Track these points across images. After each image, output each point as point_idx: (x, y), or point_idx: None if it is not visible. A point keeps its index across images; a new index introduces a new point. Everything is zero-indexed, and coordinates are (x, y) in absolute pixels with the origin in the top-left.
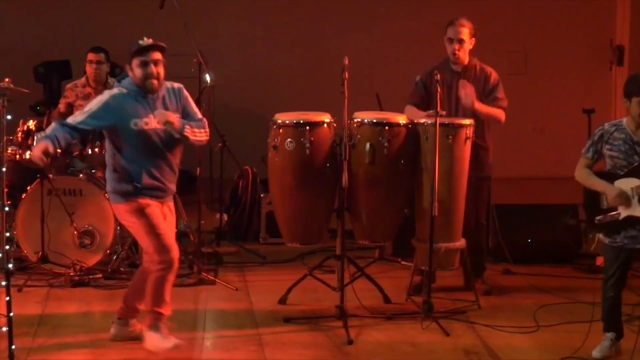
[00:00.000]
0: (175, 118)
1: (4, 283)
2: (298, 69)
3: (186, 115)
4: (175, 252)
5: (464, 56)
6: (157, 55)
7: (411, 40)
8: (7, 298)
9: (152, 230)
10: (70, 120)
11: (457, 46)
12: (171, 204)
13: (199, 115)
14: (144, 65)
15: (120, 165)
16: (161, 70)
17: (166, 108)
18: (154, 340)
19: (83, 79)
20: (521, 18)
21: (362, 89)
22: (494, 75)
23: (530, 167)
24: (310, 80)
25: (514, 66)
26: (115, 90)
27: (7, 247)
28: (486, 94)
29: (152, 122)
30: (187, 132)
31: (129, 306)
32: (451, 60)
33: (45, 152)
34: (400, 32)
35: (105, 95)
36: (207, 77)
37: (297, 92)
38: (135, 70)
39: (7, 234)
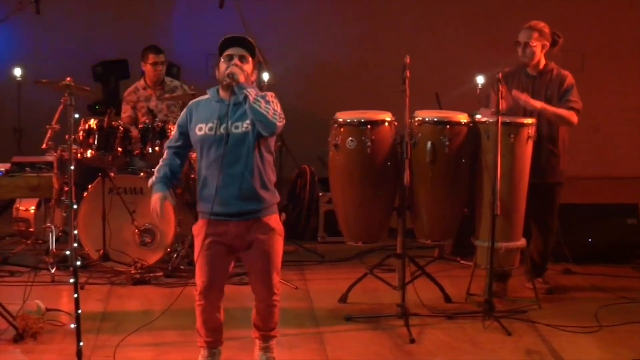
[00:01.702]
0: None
1: (72, 280)
2: (355, 67)
3: None
4: None
5: (533, 60)
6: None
7: (471, 39)
8: (75, 295)
9: None
10: None
11: (523, 50)
12: None
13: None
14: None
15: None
16: (248, 68)
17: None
18: None
19: (142, 81)
20: (578, 17)
21: (421, 88)
22: (569, 79)
23: (584, 167)
24: (368, 79)
25: (570, 65)
26: None
27: (75, 244)
28: (559, 97)
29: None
30: (250, 92)
31: None
32: (523, 64)
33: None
34: (459, 31)
35: None
36: (266, 77)
37: (355, 91)
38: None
39: (76, 232)
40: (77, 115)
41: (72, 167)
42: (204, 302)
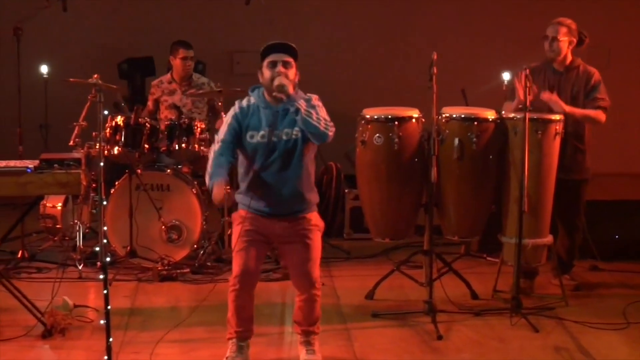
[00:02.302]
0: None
1: (101, 276)
2: (381, 64)
3: None
4: None
5: (560, 55)
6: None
7: (497, 36)
8: (105, 291)
9: None
10: None
11: (550, 44)
12: None
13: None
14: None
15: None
16: (292, 73)
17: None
18: None
19: (168, 75)
20: (604, 13)
21: (447, 84)
22: (596, 76)
23: (611, 163)
24: (394, 75)
25: (596, 61)
26: None
27: (105, 240)
28: (586, 94)
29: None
30: (301, 105)
31: None
32: (549, 59)
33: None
34: (486, 27)
35: None
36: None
37: (381, 87)
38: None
39: (105, 228)
40: (106, 112)
41: (102, 164)
42: (239, 286)
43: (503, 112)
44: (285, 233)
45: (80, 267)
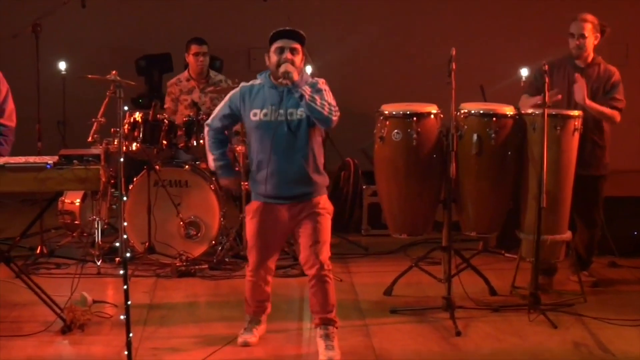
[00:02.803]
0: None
1: (121, 272)
2: (399, 60)
3: None
4: None
5: (586, 52)
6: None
7: (515, 31)
8: (125, 287)
9: None
10: None
11: (578, 42)
12: None
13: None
14: (280, 51)
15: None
16: (298, 59)
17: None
18: None
19: (186, 73)
20: (622, 9)
21: (465, 80)
22: (616, 75)
23: (629, 160)
24: (412, 71)
25: (614, 58)
26: None
27: (125, 236)
28: (605, 92)
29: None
30: (305, 90)
31: None
32: (573, 55)
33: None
34: (504, 23)
35: None
36: (309, 69)
37: (399, 83)
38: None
39: (125, 223)
40: (126, 108)
41: (122, 160)
42: (254, 278)
43: (519, 105)
44: (294, 219)
45: (98, 263)
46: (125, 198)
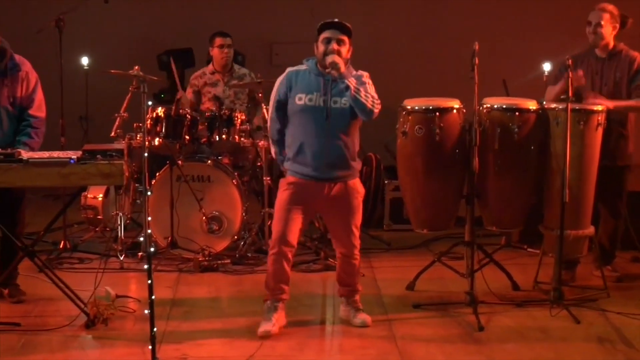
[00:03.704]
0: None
1: (145, 266)
2: (421, 54)
3: None
4: None
5: (603, 41)
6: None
7: (537, 26)
8: (149, 281)
9: None
10: None
11: (594, 30)
12: None
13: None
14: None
15: None
16: (345, 50)
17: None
18: None
19: (210, 66)
20: None
21: (488, 75)
22: (637, 60)
23: None
24: (434, 66)
25: (637, 48)
26: None
27: (149, 231)
28: (630, 79)
29: None
30: (351, 82)
31: None
32: (591, 44)
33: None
34: (526, 17)
35: None
36: None
37: (421, 78)
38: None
39: (149, 218)
40: (150, 103)
41: (146, 154)
42: (277, 249)
43: (545, 97)
44: (329, 197)
45: (121, 258)
46: (149, 193)
